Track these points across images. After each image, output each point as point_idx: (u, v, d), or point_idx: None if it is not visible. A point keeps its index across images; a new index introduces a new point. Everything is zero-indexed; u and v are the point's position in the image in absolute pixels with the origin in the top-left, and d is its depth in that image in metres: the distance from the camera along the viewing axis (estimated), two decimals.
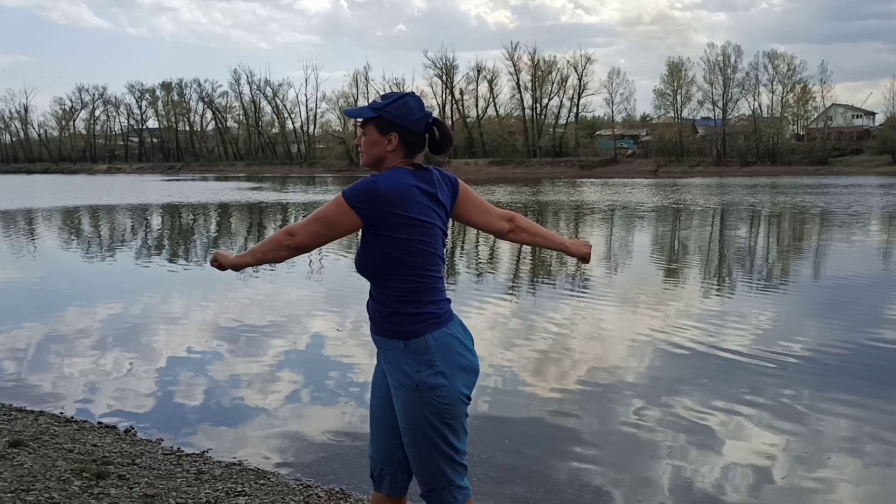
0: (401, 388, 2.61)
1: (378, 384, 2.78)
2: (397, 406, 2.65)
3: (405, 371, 2.60)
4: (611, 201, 33.61)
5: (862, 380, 6.58)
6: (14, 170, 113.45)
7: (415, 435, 2.62)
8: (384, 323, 2.65)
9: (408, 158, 2.65)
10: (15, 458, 4.37)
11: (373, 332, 2.72)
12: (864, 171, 66.39)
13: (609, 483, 4.52)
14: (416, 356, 2.59)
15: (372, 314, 2.70)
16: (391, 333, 2.63)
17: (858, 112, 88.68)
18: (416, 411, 2.59)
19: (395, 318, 2.61)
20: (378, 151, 2.65)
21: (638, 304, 10.15)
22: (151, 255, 16.46)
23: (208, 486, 4.24)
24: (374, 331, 2.71)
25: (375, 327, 2.70)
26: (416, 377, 2.58)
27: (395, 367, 2.63)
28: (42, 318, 9.32)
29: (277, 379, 6.76)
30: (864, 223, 22.41)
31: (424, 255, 2.60)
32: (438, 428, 2.60)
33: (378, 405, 2.77)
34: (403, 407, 2.62)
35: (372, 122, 2.65)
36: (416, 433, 2.61)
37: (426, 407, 2.59)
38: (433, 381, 2.58)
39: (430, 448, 2.62)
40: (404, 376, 2.60)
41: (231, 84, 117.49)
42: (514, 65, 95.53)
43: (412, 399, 2.59)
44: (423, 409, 2.59)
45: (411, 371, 2.59)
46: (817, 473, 4.67)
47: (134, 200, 37.11)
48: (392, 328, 2.62)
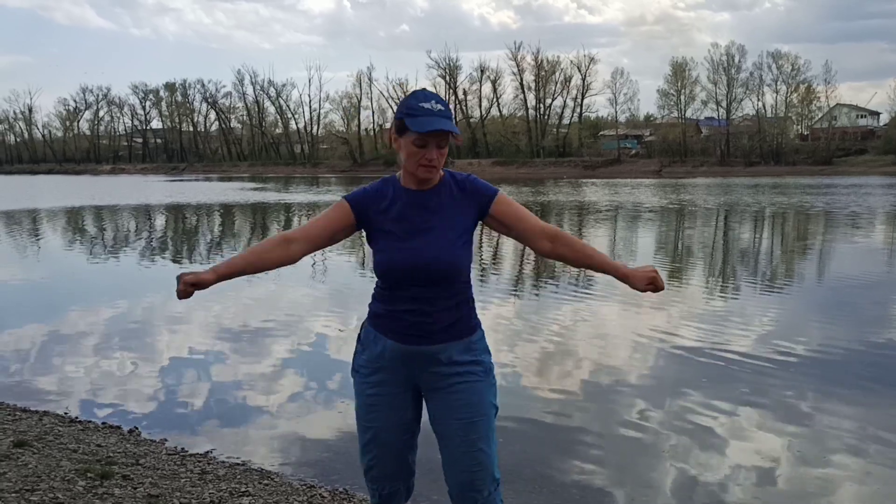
0: (470, 381, 2.59)
1: (382, 405, 2.66)
2: (460, 404, 2.57)
3: (476, 361, 2.61)
4: (614, 202, 33.58)
5: (865, 380, 6.57)
6: (18, 170, 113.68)
7: (484, 427, 2.60)
8: (450, 327, 2.57)
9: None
10: (19, 459, 4.39)
11: (427, 343, 2.57)
12: (868, 171, 66.22)
13: (612, 484, 4.52)
14: (480, 344, 2.65)
15: (439, 322, 2.56)
16: (458, 335, 2.59)
17: (863, 112, 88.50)
18: (488, 397, 2.62)
19: (464, 316, 2.61)
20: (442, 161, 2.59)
21: (641, 304, 10.13)
22: (155, 256, 16.48)
23: (212, 486, 4.25)
24: (435, 340, 2.56)
25: (436, 336, 2.57)
26: (486, 364, 2.64)
27: (456, 365, 2.58)
28: (46, 318, 9.34)
29: (281, 379, 6.77)
30: (868, 223, 22.36)
31: None
32: (496, 411, 2.67)
33: (387, 426, 2.67)
34: (476, 401, 2.59)
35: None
36: (485, 425, 2.60)
37: (492, 391, 2.64)
38: (490, 363, 2.67)
39: (489, 440, 2.61)
40: (476, 366, 2.60)
41: (234, 84, 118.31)
42: (518, 65, 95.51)
43: (483, 387, 2.62)
44: (491, 393, 2.64)
45: (483, 359, 2.64)
46: (821, 474, 4.66)
47: (137, 201, 37.16)
48: (461, 328, 2.60)
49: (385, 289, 2.61)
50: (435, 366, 2.59)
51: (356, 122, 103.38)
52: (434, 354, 2.58)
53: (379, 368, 2.65)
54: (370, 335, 2.66)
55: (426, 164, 2.49)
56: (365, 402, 2.69)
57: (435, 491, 4.20)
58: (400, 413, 2.67)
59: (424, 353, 2.58)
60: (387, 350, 2.61)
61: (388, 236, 2.55)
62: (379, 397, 2.65)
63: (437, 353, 2.58)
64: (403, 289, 2.56)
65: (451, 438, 2.60)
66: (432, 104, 2.48)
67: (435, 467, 2.87)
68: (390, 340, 2.60)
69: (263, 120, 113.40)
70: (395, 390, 2.65)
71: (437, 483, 4.28)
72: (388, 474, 2.72)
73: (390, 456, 2.70)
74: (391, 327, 2.60)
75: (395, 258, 2.53)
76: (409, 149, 2.48)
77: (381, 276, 2.62)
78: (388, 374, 2.64)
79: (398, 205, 2.57)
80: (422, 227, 2.54)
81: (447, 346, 2.58)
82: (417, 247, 2.51)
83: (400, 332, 2.58)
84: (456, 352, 2.59)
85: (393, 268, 2.55)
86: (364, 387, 2.68)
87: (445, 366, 2.59)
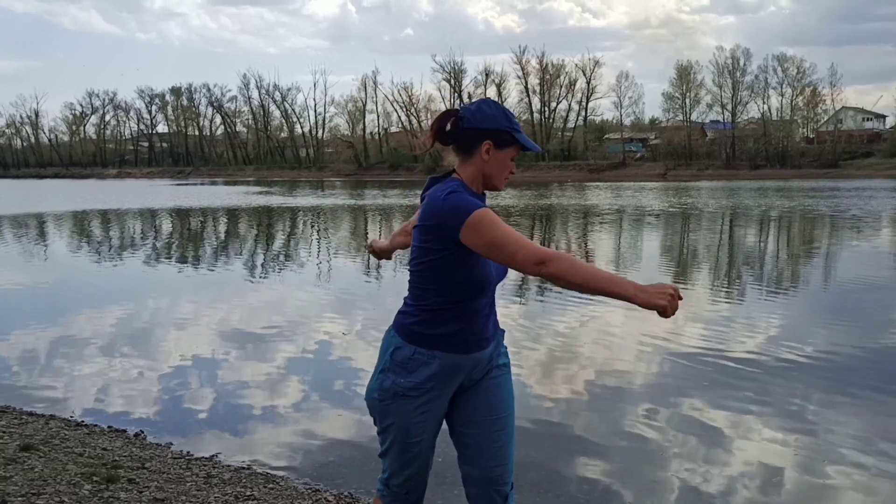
0: (505, 373, 2.74)
1: (437, 419, 2.64)
2: (500, 396, 2.69)
3: (505, 353, 2.76)
4: (619, 205, 33.56)
5: (871, 385, 6.54)
6: (25, 174, 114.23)
7: (511, 420, 2.72)
8: (494, 326, 2.70)
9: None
10: (26, 462, 4.40)
11: (484, 349, 2.62)
12: (874, 174, 66.08)
13: (617, 488, 4.51)
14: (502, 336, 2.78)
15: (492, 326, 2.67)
16: (498, 326, 2.73)
17: (869, 115, 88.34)
18: (512, 394, 2.75)
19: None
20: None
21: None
22: (160, 259, 16.53)
23: (217, 490, 4.26)
24: (488, 343, 2.64)
25: (489, 339, 2.64)
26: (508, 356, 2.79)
27: (499, 356, 2.72)
28: (52, 321, 9.38)
29: (286, 383, 6.78)
30: (874, 226, 22.31)
31: None
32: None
33: (433, 439, 2.67)
34: (509, 392, 2.73)
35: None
36: (512, 417, 2.73)
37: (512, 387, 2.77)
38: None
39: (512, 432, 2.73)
40: (506, 358, 2.76)
41: (240, 89, 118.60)
42: (523, 69, 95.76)
43: (510, 382, 2.75)
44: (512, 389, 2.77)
45: (506, 351, 2.78)
46: (826, 478, 4.65)
47: (143, 205, 37.27)
48: (496, 324, 2.72)
49: (453, 303, 2.53)
50: (482, 366, 2.67)
51: (361, 126, 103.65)
52: (487, 355, 2.67)
53: (432, 388, 2.57)
54: (420, 356, 2.54)
55: (510, 175, 2.64)
56: (413, 421, 2.59)
57: (439, 496, 4.21)
58: (440, 424, 2.69)
59: (483, 358, 2.65)
60: (445, 366, 2.54)
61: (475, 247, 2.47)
62: (429, 414, 2.61)
63: (489, 353, 2.68)
64: (475, 300, 2.56)
65: (483, 433, 2.66)
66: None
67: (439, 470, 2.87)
68: (449, 354, 2.53)
69: (269, 124, 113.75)
70: (442, 405, 2.64)
71: (441, 487, 4.28)
72: (421, 485, 2.74)
73: (425, 468, 2.72)
74: (453, 342, 2.54)
75: (480, 269, 2.51)
76: (505, 162, 2.58)
77: (463, 290, 2.52)
78: (440, 390, 2.59)
79: None
80: None
81: (496, 341, 2.72)
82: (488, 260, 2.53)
83: (464, 343, 2.56)
84: (499, 344, 2.74)
85: (478, 279, 2.52)
86: (411, 408, 2.58)
87: (488, 363, 2.69)
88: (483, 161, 2.54)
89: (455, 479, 4.53)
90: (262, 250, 18.51)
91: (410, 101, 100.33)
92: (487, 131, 2.53)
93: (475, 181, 2.57)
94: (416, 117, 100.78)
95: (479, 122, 2.53)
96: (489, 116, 2.53)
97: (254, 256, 17.09)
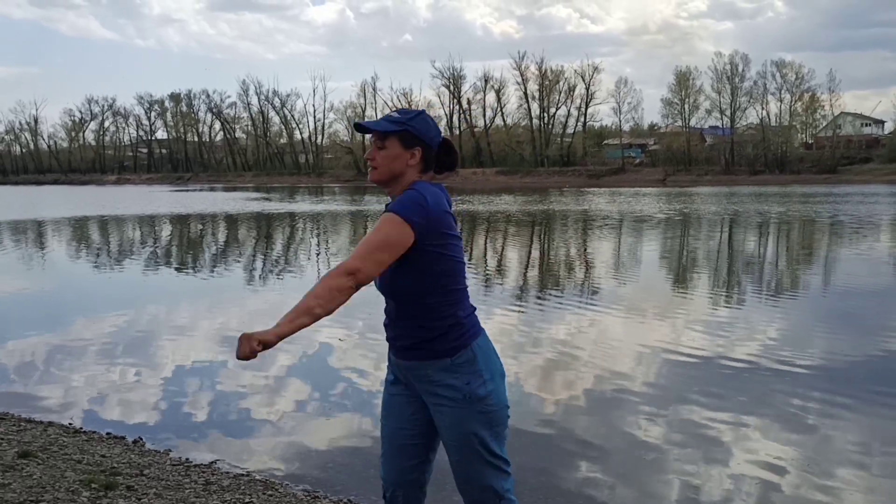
0: (447, 405, 2.57)
1: (392, 406, 2.75)
2: (442, 425, 2.60)
3: (453, 386, 2.55)
4: (618, 211, 33.57)
5: (871, 390, 6.54)
6: (24, 181, 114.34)
7: (464, 452, 2.59)
8: (424, 346, 2.57)
9: (423, 174, 2.63)
10: (24, 469, 4.39)
11: (402, 358, 2.65)
12: (873, 179, 66.09)
13: (617, 494, 4.51)
14: (463, 369, 2.56)
15: (401, 339, 2.63)
16: (433, 354, 2.56)
17: (867, 120, 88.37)
18: (466, 426, 2.56)
19: (440, 337, 2.55)
20: (399, 166, 2.59)
21: (645, 313, 10.13)
22: (159, 266, 16.52)
23: (216, 497, 4.25)
24: (406, 356, 2.63)
25: (407, 353, 2.62)
26: (465, 390, 2.55)
27: (436, 385, 2.58)
28: (50, 328, 9.36)
29: (285, 389, 6.77)
30: (873, 232, 22.32)
31: (460, 266, 2.62)
32: (486, 440, 2.57)
33: (393, 427, 2.73)
34: (451, 424, 2.58)
35: (395, 136, 2.57)
36: (466, 449, 2.59)
37: (476, 419, 2.56)
38: (483, 391, 2.56)
39: (480, 462, 2.59)
40: (452, 391, 2.56)
41: (239, 95, 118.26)
42: (522, 74, 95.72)
43: (462, 414, 2.56)
44: (473, 421, 2.56)
45: (460, 384, 2.55)
46: (826, 484, 4.64)
47: (143, 211, 37.27)
48: (435, 348, 2.56)
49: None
50: (411, 374, 2.67)
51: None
52: (403, 367, 2.68)
53: (388, 371, 2.80)
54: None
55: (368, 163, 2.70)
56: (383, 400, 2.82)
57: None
58: (401, 422, 2.73)
59: (400, 365, 2.70)
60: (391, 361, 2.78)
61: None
62: (387, 397, 2.78)
63: (406, 367, 2.66)
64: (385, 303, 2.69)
65: (448, 451, 2.69)
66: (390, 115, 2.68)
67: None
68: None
69: (268, 130, 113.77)
70: (398, 397, 2.75)
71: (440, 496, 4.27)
72: (389, 477, 2.76)
73: (389, 456, 2.75)
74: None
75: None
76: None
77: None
78: (392, 375, 2.79)
79: None
80: None
81: (417, 365, 2.62)
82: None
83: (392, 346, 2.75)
84: (424, 370, 2.61)
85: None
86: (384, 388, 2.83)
87: (421, 379, 2.63)
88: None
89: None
90: (261, 256, 18.51)
91: (410, 106, 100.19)
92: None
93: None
94: None
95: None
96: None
97: (252, 262, 17.08)
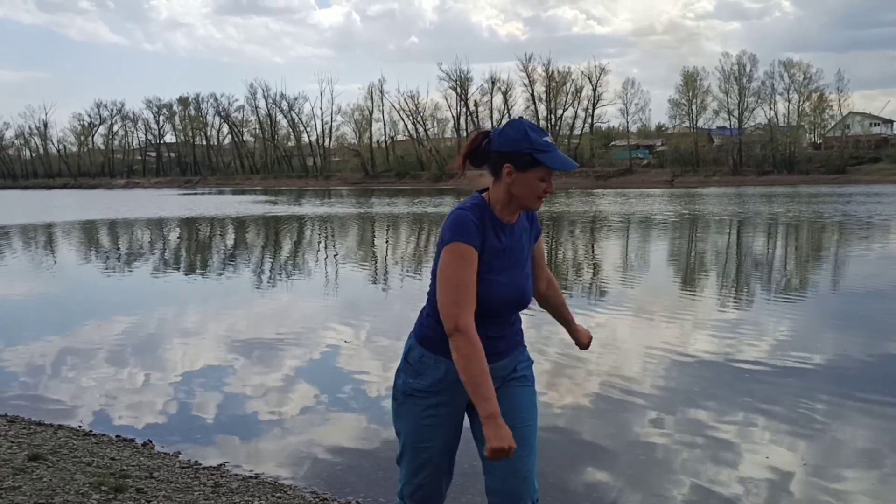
0: (525, 385, 2.73)
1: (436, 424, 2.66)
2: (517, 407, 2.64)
3: (530, 367, 2.78)
4: (626, 212, 33.51)
5: (879, 389, 6.51)
6: (34, 185, 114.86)
7: (527, 433, 2.66)
8: (515, 338, 2.73)
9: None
10: (34, 472, 4.42)
11: (500, 359, 2.63)
12: (882, 179, 65.77)
13: (624, 494, 4.50)
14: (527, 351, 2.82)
15: (503, 344, 2.66)
16: (520, 344, 2.77)
17: (876, 120, 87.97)
18: (533, 406, 2.74)
19: (520, 328, 2.78)
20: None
21: (653, 314, 10.10)
22: (168, 269, 16.57)
23: (225, 499, 4.26)
24: (496, 359, 2.59)
25: (506, 353, 2.68)
26: (532, 372, 2.80)
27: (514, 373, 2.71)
28: (60, 331, 9.41)
29: (293, 391, 6.78)
30: (882, 232, 22.22)
31: None
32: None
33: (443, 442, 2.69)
34: (523, 406, 2.68)
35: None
36: (527, 430, 2.67)
37: (535, 400, 2.78)
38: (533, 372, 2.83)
39: (534, 448, 2.72)
40: (529, 372, 2.77)
41: (247, 98, 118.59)
42: (529, 76, 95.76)
43: (531, 393, 2.75)
44: (535, 401, 2.77)
45: (530, 366, 2.80)
46: (834, 487, 4.62)
47: (151, 214, 37.41)
48: (520, 338, 2.77)
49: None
50: (498, 380, 2.59)
51: (368, 135, 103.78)
52: (501, 369, 2.65)
53: (439, 391, 2.63)
54: (427, 359, 2.62)
55: (546, 195, 2.57)
56: (421, 423, 2.66)
57: None
58: (453, 433, 2.72)
59: (495, 370, 2.55)
60: (451, 371, 2.52)
61: (491, 270, 2.54)
62: (438, 419, 2.65)
63: (504, 367, 2.67)
64: (488, 317, 2.54)
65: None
66: (550, 139, 2.55)
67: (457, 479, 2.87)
68: (452, 362, 2.47)
69: (276, 133, 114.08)
70: (452, 411, 2.67)
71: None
72: (434, 495, 2.76)
73: (440, 477, 2.74)
74: None
75: (493, 292, 2.53)
76: (530, 183, 2.52)
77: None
78: (447, 395, 2.64)
79: (498, 239, 2.58)
80: (515, 263, 2.61)
81: (512, 357, 2.71)
82: (511, 282, 2.59)
83: None
84: (515, 360, 2.73)
85: (491, 301, 2.54)
86: (420, 409, 2.65)
87: (505, 376, 2.68)
88: (508, 183, 2.54)
89: (460, 489, 4.52)
90: (269, 259, 18.55)
91: (417, 109, 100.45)
92: (507, 154, 2.53)
93: (503, 202, 2.58)
94: (423, 125, 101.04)
95: (500, 144, 2.55)
96: (509, 139, 2.53)
97: (261, 265, 17.13)
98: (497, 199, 2.58)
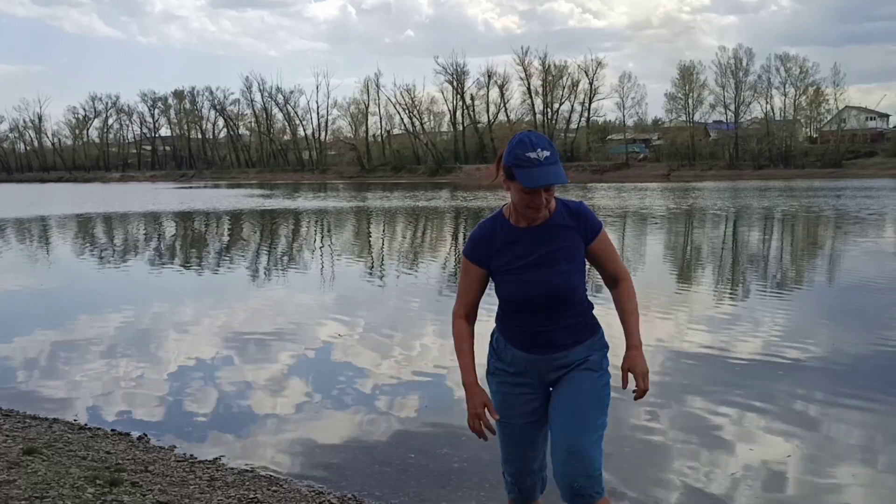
0: (587, 372, 2.87)
1: (515, 404, 2.91)
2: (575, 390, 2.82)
3: (595, 359, 2.92)
4: (622, 206, 33.53)
5: (875, 386, 6.52)
6: (28, 179, 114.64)
7: (582, 417, 2.79)
8: (573, 334, 2.86)
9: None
10: (29, 466, 4.41)
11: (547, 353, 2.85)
12: (878, 173, 65.90)
13: (621, 489, 4.50)
14: (602, 341, 2.99)
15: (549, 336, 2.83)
16: (581, 338, 2.88)
17: (872, 114, 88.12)
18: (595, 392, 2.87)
19: (588, 322, 2.93)
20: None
21: (649, 308, 10.11)
22: (163, 263, 16.55)
23: (221, 492, 4.26)
24: (553, 350, 2.85)
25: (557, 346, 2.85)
26: (601, 363, 2.94)
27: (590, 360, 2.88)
28: (55, 325, 9.39)
29: (289, 385, 6.78)
30: (878, 226, 22.26)
31: None
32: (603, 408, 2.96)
33: (523, 423, 2.93)
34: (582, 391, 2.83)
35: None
36: (583, 415, 2.79)
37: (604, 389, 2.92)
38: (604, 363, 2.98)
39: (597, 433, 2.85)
40: (597, 364, 2.91)
41: (243, 92, 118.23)
42: (525, 70, 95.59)
43: (594, 379, 2.88)
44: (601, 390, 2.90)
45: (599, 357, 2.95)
46: (830, 479, 4.64)
47: (147, 208, 37.33)
48: (583, 333, 2.90)
49: (503, 309, 2.93)
50: (557, 370, 2.88)
51: (364, 129, 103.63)
52: (554, 361, 2.87)
53: (514, 373, 2.92)
54: (501, 343, 2.94)
55: (534, 207, 2.72)
56: (504, 400, 2.93)
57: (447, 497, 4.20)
58: (531, 411, 2.91)
59: (549, 360, 2.87)
60: (516, 358, 2.90)
61: (508, 271, 2.82)
62: (513, 397, 2.92)
63: (561, 357, 2.86)
64: (524, 312, 2.83)
65: (554, 426, 2.85)
66: (538, 153, 2.63)
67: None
68: (515, 349, 2.89)
69: (271, 127, 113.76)
70: (527, 393, 2.91)
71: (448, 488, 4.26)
72: (524, 472, 2.98)
73: (524, 452, 2.95)
74: (516, 339, 2.89)
75: (512, 290, 2.82)
76: (519, 194, 2.71)
77: (504, 303, 2.91)
78: (521, 378, 2.92)
79: (513, 243, 2.80)
80: (539, 262, 2.78)
81: (569, 352, 2.86)
82: (534, 279, 2.77)
83: (522, 343, 2.88)
84: (584, 353, 2.89)
85: (511, 298, 2.85)
86: (499, 383, 2.95)
87: (566, 367, 2.87)
88: (508, 192, 2.77)
89: (459, 482, 4.53)
90: (264, 253, 18.53)
91: (413, 102, 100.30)
92: (503, 165, 2.73)
93: (512, 208, 2.83)
94: (419, 119, 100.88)
95: (504, 154, 2.73)
96: (507, 150, 2.71)
97: (255, 260, 17.11)
98: (510, 209, 2.84)
